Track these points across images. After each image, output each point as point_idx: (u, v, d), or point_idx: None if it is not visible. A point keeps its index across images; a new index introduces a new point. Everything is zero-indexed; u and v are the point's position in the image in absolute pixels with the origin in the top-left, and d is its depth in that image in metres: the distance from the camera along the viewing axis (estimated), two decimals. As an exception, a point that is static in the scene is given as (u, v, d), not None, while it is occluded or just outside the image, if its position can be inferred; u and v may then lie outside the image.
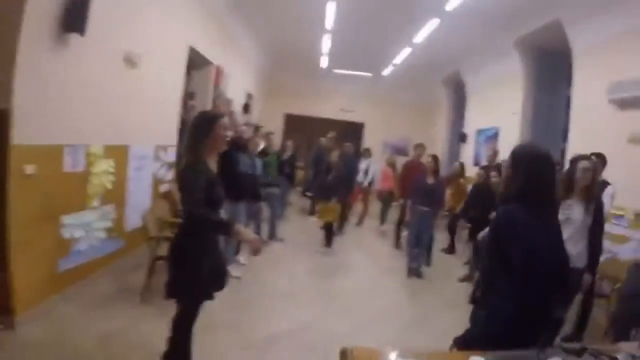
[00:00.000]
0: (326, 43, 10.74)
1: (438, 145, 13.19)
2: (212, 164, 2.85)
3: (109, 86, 4.58)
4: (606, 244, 4.92)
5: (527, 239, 1.93)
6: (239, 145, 5.30)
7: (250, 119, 12.74)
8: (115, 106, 4.75)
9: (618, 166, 4.73)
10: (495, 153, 7.97)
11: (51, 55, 3.67)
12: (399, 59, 11.32)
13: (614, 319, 3.74)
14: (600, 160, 4.33)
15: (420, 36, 9.13)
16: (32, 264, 3.67)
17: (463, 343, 2.10)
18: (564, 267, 2.11)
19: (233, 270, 5.36)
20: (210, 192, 2.64)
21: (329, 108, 15.53)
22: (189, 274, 2.65)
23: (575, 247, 3.49)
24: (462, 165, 8.69)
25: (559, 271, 2.04)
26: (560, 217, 3.52)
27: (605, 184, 4.41)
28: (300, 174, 11.57)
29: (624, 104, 5.57)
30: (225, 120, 3.12)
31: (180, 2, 6.39)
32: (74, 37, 3.81)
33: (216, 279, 2.85)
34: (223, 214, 3.14)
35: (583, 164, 3.67)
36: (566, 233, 3.49)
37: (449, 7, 7.33)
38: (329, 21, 8.98)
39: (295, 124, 15.71)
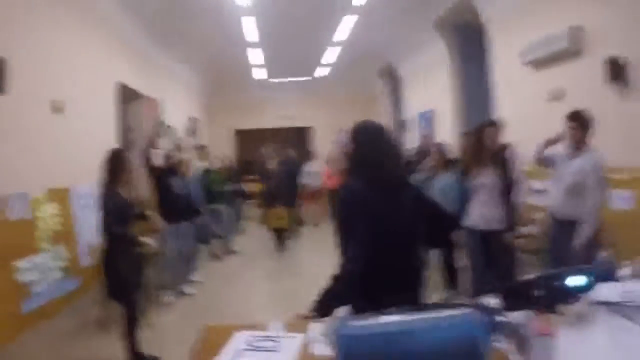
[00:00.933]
0: (256, 55, 11.12)
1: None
2: (125, 192, 3.66)
3: (39, 134, 4.83)
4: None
5: (369, 211, 1.96)
6: (170, 170, 5.60)
7: (199, 141, 13.03)
8: (50, 152, 4.99)
9: (541, 124, 5.00)
10: (429, 135, 8.34)
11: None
12: (329, 59, 11.79)
13: None
14: (497, 126, 4.43)
15: (341, 34, 9.59)
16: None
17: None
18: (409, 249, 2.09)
19: (186, 288, 5.70)
20: (121, 212, 3.53)
21: (275, 117, 15.85)
22: (120, 276, 3.48)
23: (491, 211, 3.85)
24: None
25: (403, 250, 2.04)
26: (474, 183, 3.95)
27: (504, 146, 4.57)
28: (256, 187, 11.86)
29: (538, 64, 5.83)
30: (129, 156, 3.73)
31: (105, 43, 6.71)
32: (-2, 96, 4.09)
33: (136, 278, 3.72)
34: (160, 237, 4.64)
35: (490, 131, 3.98)
36: (481, 198, 3.91)
37: (356, 1, 7.77)
38: (252, 35, 9.36)
39: (247, 138, 16.01)
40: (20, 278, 4.32)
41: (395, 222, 2.01)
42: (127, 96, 7.96)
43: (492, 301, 1.58)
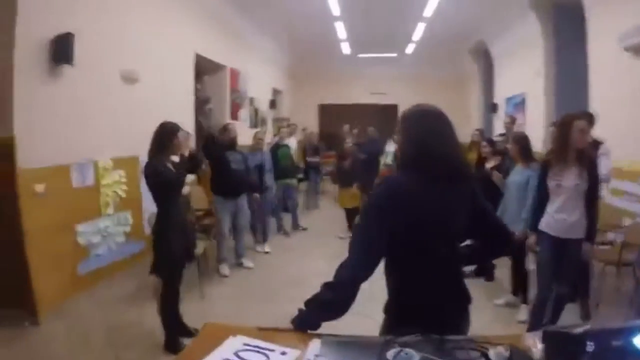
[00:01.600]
0: (341, 30, 10.89)
1: (473, 118, 13.05)
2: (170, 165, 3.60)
3: (108, 104, 5.06)
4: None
5: (412, 211, 1.66)
6: (227, 144, 5.58)
7: (280, 114, 13.19)
8: (119, 121, 5.21)
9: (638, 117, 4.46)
10: (512, 121, 7.76)
11: (46, 85, 4.18)
12: (417, 35, 11.28)
13: None
14: (588, 119, 3.84)
15: (429, 9, 9.12)
16: (52, 269, 4.20)
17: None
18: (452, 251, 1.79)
19: (245, 262, 5.79)
20: (167, 184, 3.51)
21: (361, 93, 15.60)
22: (164, 247, 3.45)
23: (570, 217, 3.34)
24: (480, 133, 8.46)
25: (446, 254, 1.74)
26: (551, 184, 3.43)
27: (597, 143, 4.17)
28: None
29: (639, 51, 5.26)
30: (184, 132, 3.64)
31: (184, 14, 6.85)
32: (66, 67, 4.30)
33: (186, 252, 3.67)
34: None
35: (579, 124, 3.31)
36: (558, 201, 3.39)
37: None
38: (335, 8, 9.14)
39: (330, 114, 15.88)
40: (80, 241, 4.59)
41: (443, 224, 1.71)
42: (206, 67, 8.14)
43: (532, 346, 1.38)
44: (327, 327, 1.67)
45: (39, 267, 4.04)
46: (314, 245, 6.88)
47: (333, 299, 1.64)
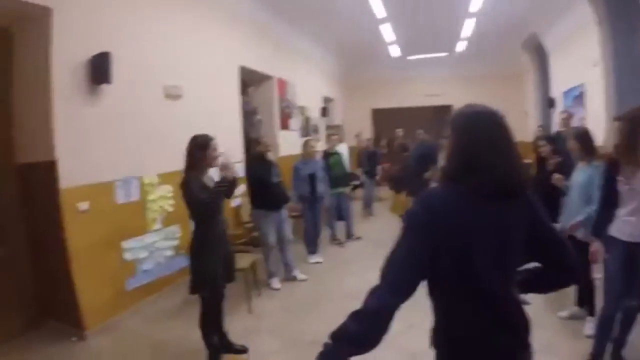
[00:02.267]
0: (388, 32, 10.66)
1: (531, 115, 12.42)
2: (207, 179, 3.52)
3: (151, 121, 5.10)
4: None
5: (455, 232, 1.41)
6: (259, 157, 5.46)
7: (332, 122, 13.10)
8: (164, 137, 5.26)
9: None
10: (569, 116, 7.26)
11: (86, 105, 4.25)
12: (466, 32, 10.88)
13: None
14: None
15: (476, 4, 8.74)
16: (99, 285, 4.27)
17: None
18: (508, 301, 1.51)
19: (298, 274, 5.67)
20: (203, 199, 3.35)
21: (414, 96, 15.25)
22: (201, 266, 3.39)
23: None
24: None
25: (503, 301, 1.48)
26: (622, 188, 3.04)
27: None
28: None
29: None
30: (215, 142, 3.51)
31: (226, 25, 6.90)
32: (105, 86, 4.37)
33: (224, 270, 3.54)
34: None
35: None
36: (630, 205, 3.02)
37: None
38: (380, 10, 8.94)
39: (383, 118, 15.64)
40: (127, 256, 4.64)
41: (493, 250, 1.43)
42: (252, 78, 8.16)
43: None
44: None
45: (86, 283, 4.11)
46: (369, 255, 6.63)
47: (361, 332, 1.42)
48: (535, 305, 1.56)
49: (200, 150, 3.44)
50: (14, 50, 4.08)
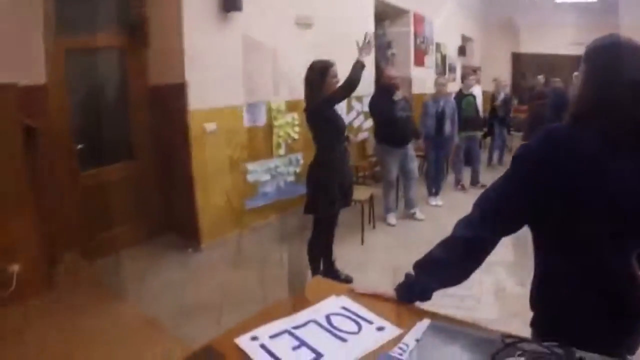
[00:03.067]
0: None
1: None
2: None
3: (281, 49, 5.14)
4: None
5: (575, 179, 1.17)
6: (387, 89, 5.22)
7: (469, 62, 12.34)
8: (293, 66, 5.27)
9: None
10: None
11: (216, 32, 4.43)
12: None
13: None
14: None
15: None
16: (218, 203, 4.56)
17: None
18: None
19: (417, 212, 5.58)
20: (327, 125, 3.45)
21: (558, 43, 13.70)
22: (319, 186, 3.41)
23: None
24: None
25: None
26: None
27: None
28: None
29: None
30: (335, 68, 3.43)
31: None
32: (236, 14, 4.48)
33: (342, 195, 3.51)
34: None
35: None
36: None
37: None
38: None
39: (524, 64, 14.32)
40: (250, 179, 4.87)
41: (615, 208, 1.16)
42: (388, 12, 7.87)
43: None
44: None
45: (206, 199, 4.42)
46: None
47: (448, 261, 1.33)
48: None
49: (319, 76, 3.37)
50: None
